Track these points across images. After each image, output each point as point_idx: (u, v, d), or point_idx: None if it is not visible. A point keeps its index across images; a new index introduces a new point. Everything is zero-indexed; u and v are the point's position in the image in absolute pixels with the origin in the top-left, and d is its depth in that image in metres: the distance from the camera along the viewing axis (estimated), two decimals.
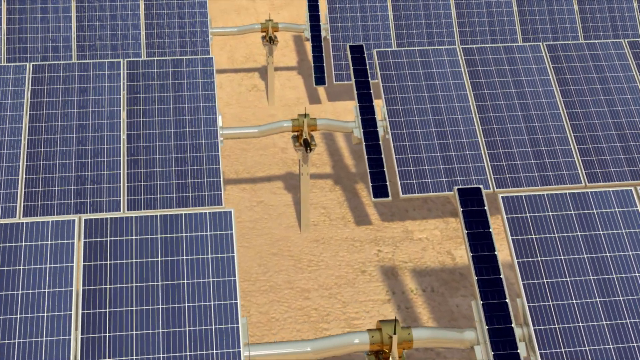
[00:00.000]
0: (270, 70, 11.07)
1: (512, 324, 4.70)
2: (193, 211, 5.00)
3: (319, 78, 10.79)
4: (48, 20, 10.22)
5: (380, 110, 8.24)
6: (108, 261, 4.75)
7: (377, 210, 8.61)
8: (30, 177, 7.15)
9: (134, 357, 4.50)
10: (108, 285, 4.65)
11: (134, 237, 4.86)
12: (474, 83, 8.11)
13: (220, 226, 4.97)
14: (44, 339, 4.50)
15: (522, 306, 4.75)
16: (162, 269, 4.75)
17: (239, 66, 12.62)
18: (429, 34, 11.02)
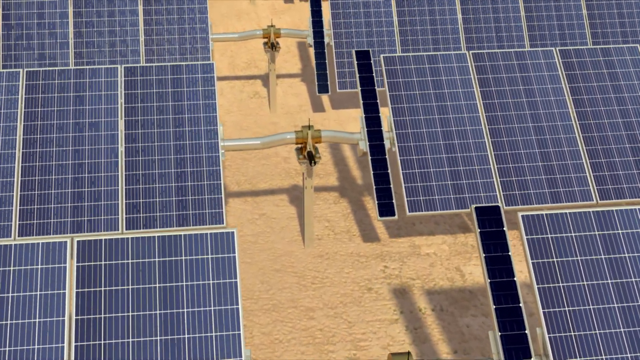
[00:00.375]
0: (272, 77, 10.79)
1: (532, 357, 4.42)
2: (193, 231, 4.73)
3: (322, 86, 10.51)
4: (45, 26, 9.93)
5: (387, 120, 7.97)
6: (103, 287, 4.47)
7: (383, 223, 8.33)
8: (25, 194, 6.83)
9: None
10: (103, 315, 4.37)
11: (130, 261, 4.58)
12: (484, 92, 7.84)
13: (222, 248, 4.70)
14: None
15: (542, 336, 4.47)
16: (161, 296, 4.47)
17: (240, 72, 12.33)
18: (434, 40, 10.75)
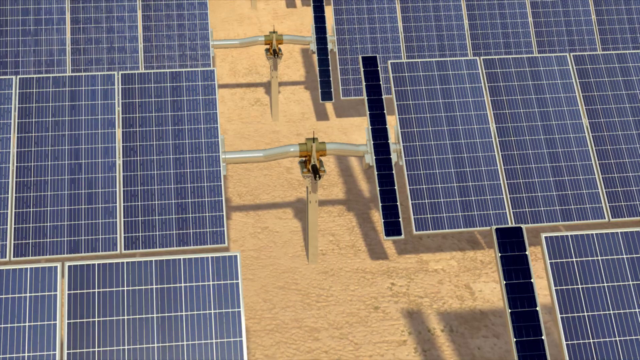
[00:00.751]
0: (274, 85, 10.52)
1: None
2: (193, 255, 4.45)
3: (326, 93, 10.24)
4: (41, 33, 9.66)
5: (394, 130, 7.68)
6: (96, 318, 4.19)
7: None
8: (20, 211, 6.54)
9: None
10: (97, 348, 4.09)
11: (125, 288, 4.31)
12: (495, 101, 7.56)
13: (225, 274, 4.42)
14: None
15: None
16: (158, 327, 4.19)
17: (241, 78, 12.06)
18: (440, 46, 10.48)
